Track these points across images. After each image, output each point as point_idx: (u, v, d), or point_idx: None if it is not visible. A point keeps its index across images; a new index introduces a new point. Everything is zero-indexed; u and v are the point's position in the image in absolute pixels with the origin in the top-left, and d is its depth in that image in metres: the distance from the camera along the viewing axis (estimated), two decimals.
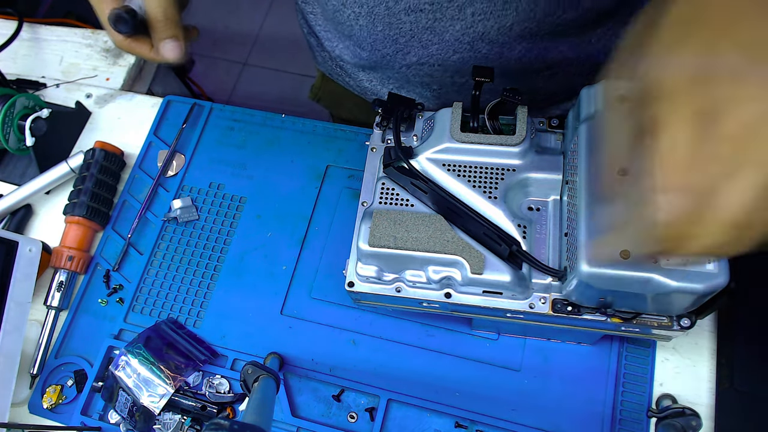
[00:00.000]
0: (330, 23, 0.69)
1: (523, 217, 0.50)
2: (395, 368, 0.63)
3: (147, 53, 0.56)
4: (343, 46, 0.71)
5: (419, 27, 0.60)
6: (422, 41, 0.61)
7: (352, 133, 0.76)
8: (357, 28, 0.63)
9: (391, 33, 0.61)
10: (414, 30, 0.60)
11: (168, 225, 0.73)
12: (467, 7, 0.56)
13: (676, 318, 0.48)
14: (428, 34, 0.60)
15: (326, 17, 0.68)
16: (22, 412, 0.67)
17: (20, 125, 0.76)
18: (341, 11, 0.62)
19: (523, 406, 0.60)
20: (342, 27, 0.65)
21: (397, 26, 0.60)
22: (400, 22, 0.59)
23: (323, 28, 0.73)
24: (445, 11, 0.57)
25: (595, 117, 0.47)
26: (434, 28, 0.59)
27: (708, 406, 0.59)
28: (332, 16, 0.65)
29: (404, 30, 0.60)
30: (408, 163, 0.52)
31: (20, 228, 0.76)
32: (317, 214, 0.72)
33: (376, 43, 0.64)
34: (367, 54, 0.67)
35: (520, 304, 0.50)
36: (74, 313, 0.70)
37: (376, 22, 0.60)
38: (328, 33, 0.72)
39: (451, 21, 0.58)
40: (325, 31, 0.73)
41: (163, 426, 0.62)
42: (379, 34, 0.62)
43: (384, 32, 0.62)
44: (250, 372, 0.55)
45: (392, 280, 0.53)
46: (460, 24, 0.58)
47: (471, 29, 0.59)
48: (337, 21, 0.65)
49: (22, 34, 0.89)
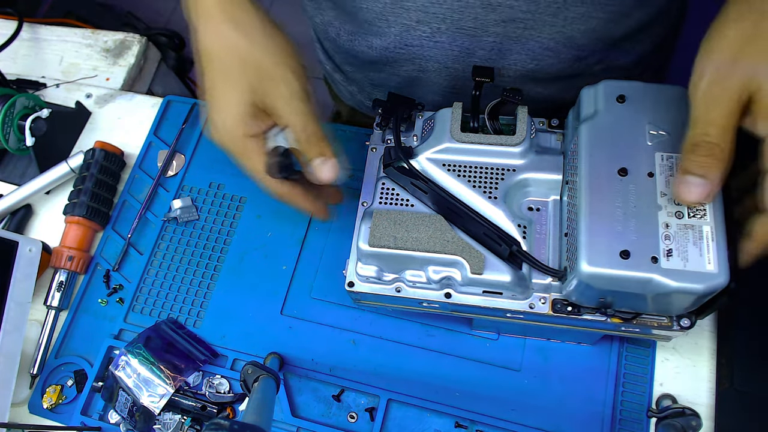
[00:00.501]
0: (372, 63, 0.66)
1: (523, 217, 0.50)
2: (395, 368, 0.63)
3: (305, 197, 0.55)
4: (389, 76, 0.67)
5: (506, 38, 0.58)
6: (502, 52, 0.60)
7: (352, 133, 0.76)
8: (429, 46, 0.60)
9: (471, 47, 0.59)
10: (497, 41, 0.58)
11: (168, 225, 0.73)
12: (562, 12, 0.55)
13: (676, 318, 0.48)
14: (512, 44, 0.59)
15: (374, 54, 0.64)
16: (22, 412, 0.67)
17: (20, 125, 0.76)
18: (411, 30, 0.58)
19: (523, 406, 0.60)
20: (403, 51, 0.62)
21: (481, 39, 0.58)
22: (486, 34, 0.58)
23: (355, 68, 0.71)
24: (540, 18, 0.55)
25: (595, 117, 0.47)
26: (522, 37, 0.58)
27: (708, 406, 0.59)
28: (387, 43, 0.61)
29: (487, 42, 0.58)
30: (408, 163, 0.52)
31: (20, 228, 0.76)
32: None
33: (446, 61, 0.62)
34: (427, 76, 0.65)
35: (520, 304, 0.50)
36: (74, 313, 0.70)
37: (456, 37, 0.58)
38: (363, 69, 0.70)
39: (543, 28, 0.57)
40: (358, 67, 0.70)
41: (163, 426, 0.62)
42: (456, 49, 0.60)
43: (462, 46, 0.59)
44: (250, 372, 0.55)
45: (392, 280, 0.53)
46: (549, 30, 0.57)
47: (559, 34, 0.58)
48: (402, 43, 0.61)
49: (22, 34, 0.89)
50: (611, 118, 0.46)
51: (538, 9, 0.54)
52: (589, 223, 0.44)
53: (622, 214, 0.43)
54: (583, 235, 0.43)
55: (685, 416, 0.55)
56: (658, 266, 0.42)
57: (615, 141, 0.46)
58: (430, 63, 0.63)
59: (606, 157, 0.45)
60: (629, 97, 0.47)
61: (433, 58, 0.62)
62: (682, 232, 0.42)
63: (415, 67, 0.64)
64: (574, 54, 0.61)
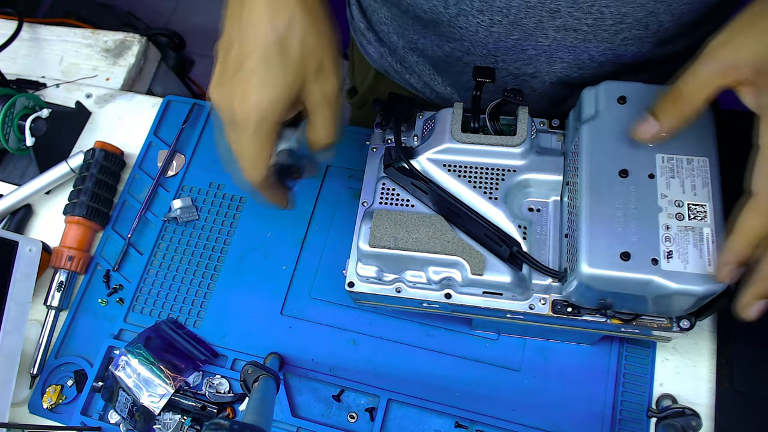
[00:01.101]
0: (421, 22, 0.62)
1: (523, 218, 0.50)
2: (395, 368, 0.63)
3: (283, 195, 0.54)
4: (432, 44, 0.65)
5: (561, 44, 0.57)
6: (552, 57, 0.59)
7: (352, 133, 0.76)
8: (483, 34, 0.58)
9: (524, 44, 0.58)
10: (552, 46, 0.58)
11: (168, 225, 0.73)
12: (622, 32, 0.55)
13: (675, 319, 0.48)
14: (564, 52, 0.58)
15: (425, 17, 0.60)
16: (22, 412, 0.67)
17: (20, 125, 0.76)
18: (469, 16, 0.57)
19: (523, 406, 0.60)
20: (452, 30, 0.59)
21: (536, 39, 0.57)
22: (543, 37, 0.57)
23: (396, 21, 0.67)
24: (599, 34, 0.55)
25: (596, 118, 0.47)
26: (576, 47, 0.57)
27: (708, 406, 0.59)
28: (441, 19, 0.59)
29: (541, 44, 0.58)
30: (408, 163, 0.52)
31: (20, 228, 0.76)
32: (317, 214, 0.72)
33: (496, 51, 0.60)
34: (471, 59, 0.63)
35: (520, 304, 0.50)
36: (74, 313, 0.70)
37: (513, 32, 0.57)
38: (404, 28, 0.67)
39: (599, 43, 0.56)
40: (400, 25, 0.67)
41: (163, 426, 0.62)
42: (510, 42, 0.58)
43: (516, 42, 0.58)
44: (250, 372, 0.55)
45: (392, 281, 0.53)
46: (604, 46, 0.57)
47: (612, 52, 0.57)
48: (450, 24, 0.59)
49: (22, 34, 0.89)
50: (612, 119, 0.46)
51: (602, 26, 0.54)
52: (589, 225, 0.44)
53: (623, 216, 0.43)
54: (583, 237, 0.43)
55: (685, 416, 0.55)
56: (658, 268, 0.42)
57: (616, 142, 0.46)
58: (478, 48, 0.61)
59: (607, 158, 0.45)
60: (630, 98, 0.47)
61: (483, 45, 0.60)
62: (682, 233, 0.42)
63: (462, 48, 0.62)
64: (617, 68, 0.61)
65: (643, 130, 0.43)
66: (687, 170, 0.44)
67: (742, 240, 0.39)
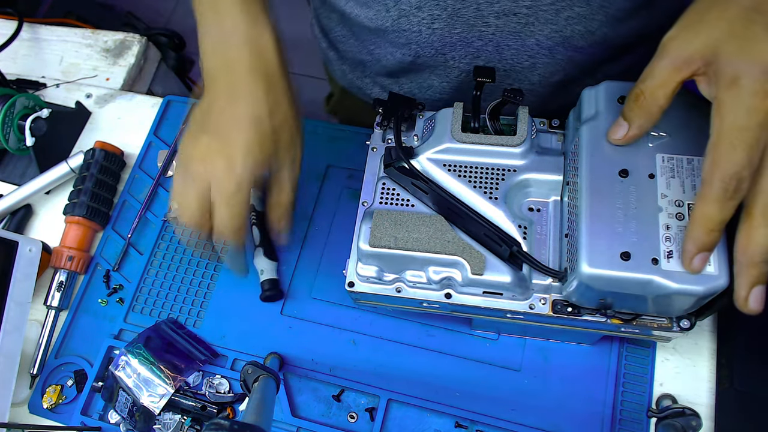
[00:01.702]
0: (370, 33, 0.65)
1: (523, 218, 0.50)
2: (395, 368, 0.63)
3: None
4: (384, 54, 0.67)
5: (504, 31, 0.58)
6: (499, 46, 0.60)
7: (352, 133, 0.76)
8: (426, 33, 0.60)
9: (469, 36, 0.59)
10: (496, 34, 0.58)
11: (168, 225, 0.73)
12: (564, 11, 0.55)
13: (676, 319, 0.48)
14: (510, 39, 0.59)
15: (371, 26, 0.63)
16: (22, 412, 0.67)
17: (20, 125, 0.76)
18: (410, 16, 0.59)
19: (523, 406, 0.60)
20: (397, 35, 0.62)
21: (479, 29, 0.58)
22: (485, 25, 0.58)
23: (351, 38, 0.70)
24: (541, 15, 0.56)
25: (596, 118, 0.47)
26: (521, 32, 0.58)
27: (708, 406, 0.59)
28: (385, 25, 0.61)
29: (485, 34, 0.59)
30: (408, 163, 0.52)
31: (20, 228, 0.76)
32: (317, 214, 0.72)
33: (443, 48, 0.62)
34: (422, 60, 0.64)
35: (521, 304, 0.50)
36: (74, 313, 0.70)
37: (455, 25, 0.58)
38: (359, 42, 0.70)
39: (542, 25, 0.57)
40: (356, 41, 0.70)
41: (163, 426, 0.62)
42: (455, 37, 0.60)
43: (460, 35, 0.59)
44: (250, 372, 0.55)
45: (392, 281, 0.53)
46: (549, 28, 0.57)
47: (558, 34, 0.58)
48: (394, 29, 0.61)
49: (22, 34, 0.89)
50: (612, 119, 0.46)
51: (540, 7, 0.55)
52: (589, 225, 0.44)
53: (623, 216, 0.43)
54: (583, 237, 0.43)
55: (685, 416, 0.55)
56: (658, 268, 0.42)
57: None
58: (425, 49, 0.62)
59: (607, 158, 0.45)
60: None
61: (429, 44, 0.62)
62: (682, 233, 0.42)
63: (411, 52, 0.64)
64: (569, 55, 0.61)
65: (614, 132, 0.45)
66: (687, 170, 0.44)
67: (699, 228, 0.39)
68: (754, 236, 0.37)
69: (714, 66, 0.38)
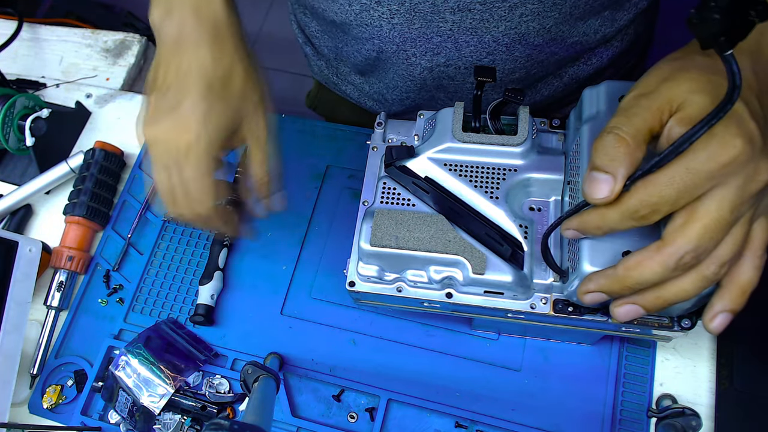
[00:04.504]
0: (337, 28, 0.66)
1: (524, 218, 0.50)
2: (395, 368, 0.63)
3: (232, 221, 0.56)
4: (352, 50, 0.68)
5: (461, 27, 0.58)
6: (458, 42, 0.60)
7: (352, 133, 0.76)
8: (387, 28, 0.60)
9: (428, 32, 0.59)
10: (454, 30, 0.59)
11: (168, 225, 0.73)
12: (518, 8, 0.56)
13: (676, 319, 0.48)
14: (467, 35, 0.59)
15: (337, 20, 0.64)
16: (22, 412, 0.67)
17: (20, 125, 0.76)
18: (370, 10, 0.59)
19: (523, 406, 0.60)
20: (360, 29, 0.62)
21: (437, 25, 0.58)
22: (442, 21, 0.58)
23: (324, 34, 0.72)
24: (495, 12, 0.56)
25: (597, 118, 0.47)
26: (477, 29, 0.58)
27: (708, 406, 0.59)
28: (349, 19, 0.61)
29: (443, 29, 0.59)
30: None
31: (20, 228, 0.76)
32: (317, 214, 0.72)
33: (404, 44, 0.62)
34: (386, 56, 0.65)
35: (522, 304, 0.50)
36: (74, 313, 0.70)
37: (414, 20, 0.59)
38: (330, 38, 0.71)
39: (497, 22, 0.57)
40: (328, 37, 0.71)
41: (163, 426, 0.62)
42: (414, 32, 0.60)
43: (420, 30, 0.60)
44: (250, 372, 0.55)
45: (393, 280, 0.53)
46: (504, 25, 0.58)
47: (514, 31, 0.58)
48: (357, 23, 0.61)
49: (22, 34, 0.89)
50: None
51: (494, 2, 0.55)
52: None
53: None
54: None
55: (685, 416, 0.55)
56: None
57: None
58: (388, 45, 0.63)
59: None
60: None
61: (391, 40, 0.62)
62: None
63: (374, 47, 0.64)
64: (527, 53, 0.61)
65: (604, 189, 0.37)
66: None
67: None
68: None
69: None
